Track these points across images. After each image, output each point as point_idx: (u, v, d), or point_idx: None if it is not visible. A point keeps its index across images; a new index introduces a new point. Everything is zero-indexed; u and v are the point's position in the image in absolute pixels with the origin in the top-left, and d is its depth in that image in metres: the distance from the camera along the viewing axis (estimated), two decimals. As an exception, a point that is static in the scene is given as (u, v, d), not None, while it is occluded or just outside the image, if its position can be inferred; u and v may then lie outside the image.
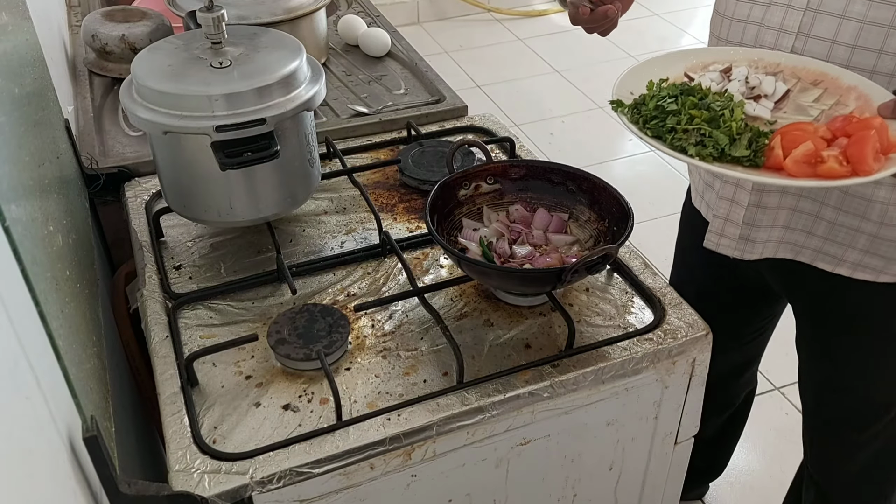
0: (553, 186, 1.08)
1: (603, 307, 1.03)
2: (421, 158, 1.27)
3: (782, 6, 0.99)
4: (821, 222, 1.07)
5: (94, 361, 0.88)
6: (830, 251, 1.08)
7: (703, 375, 1.02)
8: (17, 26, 0.99)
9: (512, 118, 3.30)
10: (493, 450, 0.93)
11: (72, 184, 1.11)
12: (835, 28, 0.95)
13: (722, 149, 0.86)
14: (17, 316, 0.59)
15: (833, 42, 0.96)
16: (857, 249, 1.06)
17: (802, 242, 1.10)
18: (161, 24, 1.51)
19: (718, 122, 0.88)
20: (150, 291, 1.04)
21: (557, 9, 4.42)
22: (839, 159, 0.79)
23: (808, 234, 1.09)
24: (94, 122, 1.39)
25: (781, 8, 0.99)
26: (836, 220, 1.05)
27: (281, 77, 0.98)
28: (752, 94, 0.94)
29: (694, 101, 0.91)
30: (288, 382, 0.92)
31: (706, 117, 0.88)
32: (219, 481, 0.80)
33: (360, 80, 1.57)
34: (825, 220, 1.06)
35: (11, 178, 0.69)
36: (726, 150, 0.86)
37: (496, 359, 0.95)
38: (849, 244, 1.06)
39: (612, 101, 0.96)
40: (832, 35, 0.96)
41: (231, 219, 1.05)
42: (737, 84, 0.94)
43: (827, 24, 0.96)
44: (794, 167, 0.81)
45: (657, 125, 0.91)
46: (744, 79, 0.95)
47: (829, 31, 0.96)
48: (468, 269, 0.97)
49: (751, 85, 0.94)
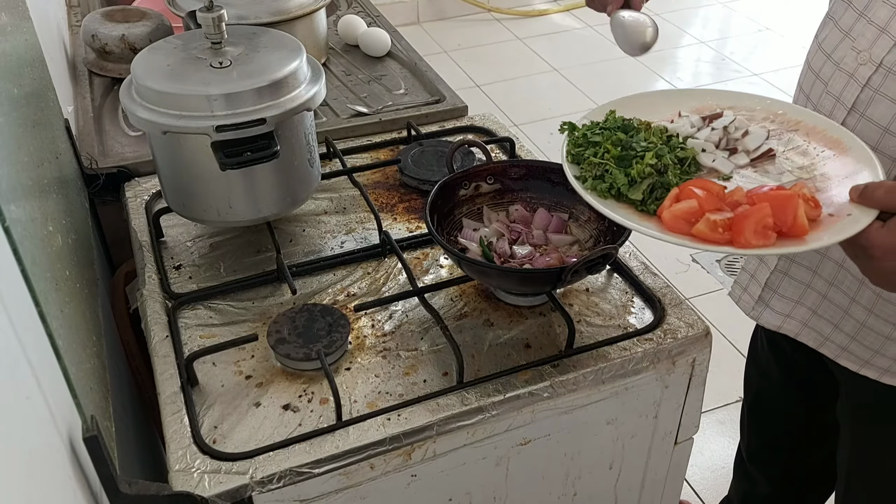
0: (553, 186, 1.08)
1: (603, 307, 1.03)
2: (421, 158, 1.27)
3: (846, 74, 0.88)
4: (849, 320, 0.98)
5: (94, 361, 0.88)
6: (856, 351, 0.99)
7: (703, 375, 1.02)
8: (17, 26, 0.99)
9: (512, 118, 3.30)
10: (494, 449, 0.93)
11: (71, 184, 1.11)
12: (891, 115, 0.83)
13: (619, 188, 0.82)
14: (17, 316, 0.59)
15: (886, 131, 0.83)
16: (886, 357, 0.97)
17: (827, 335, 1.02)
18: (161, 24, 1.51)
19: (631, 162, 0.84)
20: (150, 291, 1.04)
21: (557, 8, 4.42)
22: (715, 224, 0.73)
23: (834, 326, 1.01)
24: (93, 122, 1.39)
25: (845, 76, 0.88)
26: (866, 323, 0.96)
27: (281, 77, 0.98)
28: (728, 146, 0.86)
29: (620, 137, 0.87)
30: (288, 382, 0.92)
31: (616, 154, 0.84)
32: (219, 481, 0.80)
33: (360, 80, 1.57)
34: (854, 319, 0.98)
35: (11, 179, 0.69)
36: (622, 189, 0.82)
37: (496, 359, 0.95)
38: (877, 350, 0.97)
39: (563, 124, 0.91)
40: (886, 122, 0.83)
41: (231, 218, 1.05)
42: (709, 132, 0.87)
43: (883, 108, 0.84)
44: (670, 220, 0.76)
45: (579, 153, 0.88)
46: (722, 127, 0.87)
47: (884, 117, 0.84)
48: (468, 269, 0.97)
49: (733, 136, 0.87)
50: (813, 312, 1.03)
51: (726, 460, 1.93)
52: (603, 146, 0.86)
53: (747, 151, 0.85)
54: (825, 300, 1.01)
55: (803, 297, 1.04)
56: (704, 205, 0.75)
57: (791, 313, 1.05)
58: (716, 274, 2.58)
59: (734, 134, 0.87)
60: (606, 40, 4.05)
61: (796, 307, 1.04)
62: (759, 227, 0.72)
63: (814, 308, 1.03)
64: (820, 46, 0.95)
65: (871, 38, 0.86)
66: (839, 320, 0.99)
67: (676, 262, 2.63)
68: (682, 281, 2.54)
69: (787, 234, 0.73)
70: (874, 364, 0.99)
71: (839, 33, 0.91)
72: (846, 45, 0.90)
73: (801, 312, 1.04)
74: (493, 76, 3.73)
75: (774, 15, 4.40)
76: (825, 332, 1.02)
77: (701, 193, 0.76)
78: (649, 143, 0.87)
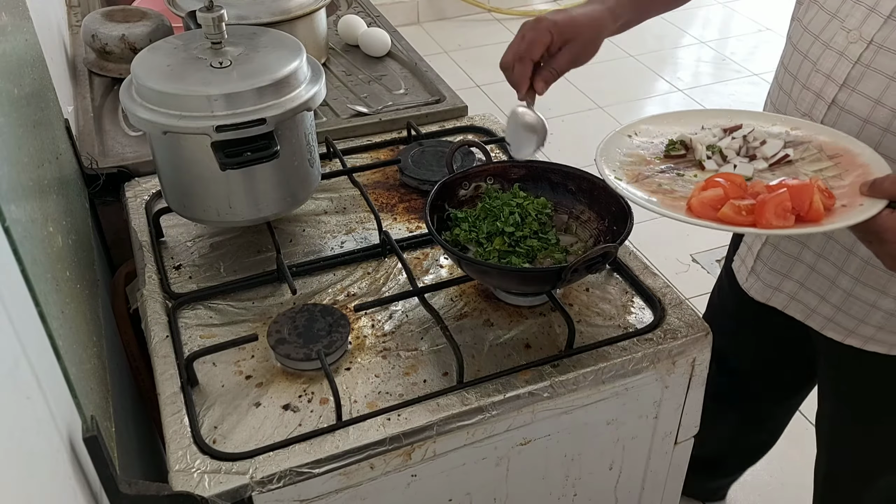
0: (553, 186, 1.08)
1: (603, 307, 1.03)
2: (421, 158, 1.27)
3: (836, 53, 0.93)
4: (836, 290, 1.03)
5: (94, 361, 0.88)
6: (842, 322, 1.04)
7: (703, 375, 1.02)
8: (17, 26, 0.99)
9: (512, 118, 3.30)
10: (494, 449, 0.93)
11: (72, 184, 1.11)
12: (882, 88, 0.89)
13: None
14: (17, 316, 0.59)
15: (877, 103, 0.89)
16: (870, 325, 1.02)
17: (814, 306, 1.07)
18: (161, 24, 1.51)
19: None
20: (150, 291, 1.04)
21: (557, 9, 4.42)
22: (739, 209, 0.81)
23: (821, 298, 1.05)
24: (94, 122, 1.39)
25: (835, 55, 0.93)
26: (853, 292, 1.01)
27: (281, 77, 0.98)
28: (748, 153, 0.94)
29: None
30: (288, 382, 0.92)
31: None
32: (219, 481, 0.80)
33: (360, 80, 1.57)
34: (841, 289, 1.02)
35: (11, 179, 0.69)
36: None
37: (496, 359, 0.95)
38: (862, 319, 1.02)
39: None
40: (878, 95, 0.89)
41: (231, 219, 1.05)
42: (729, 140, 0.95)
43: (874, 81, 0.89)
44: (698, 206, 0.84)
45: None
46: (742, 137, 0.95)
47: (875, 90, 0.89)
48: (468, 269, 0.97)
49: (752, 145, 0.94)
50: (801, 285, 1.07)
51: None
52: None
53: (765, 158, 0.92)
54: (813, 272, 1.05)
55: (792, 269, 1.08)
56: (729, 192, 0.83)
57: (780, 286, 1.10)
58: (716, 274, 2.58)
59: (753, 143, 0.93)
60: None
61: (784, 280, 1.09)
62: (780, 210, 0.79)
63: (801, 280, 1.07)
64: (806, 28, 0.99)
65: (861, 18, 0.91)
66: (826, 291, 1.04)
67: (676, 262, 2.63)
68: (682, 281, 2.53)
69: (804, 218, 0.79)
70: (858, 333, 1.03)
71: (826, 15, 0.96)
72: (835, 26, 0.94)
73: (789, 286, 1.09)
74: (493, 76, 3.70)
75: (775, 15, 4.39)
76: (812, 305, 1.07)
77: (726, 184, 0.84)
78: None
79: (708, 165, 0.94)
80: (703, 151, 0.94)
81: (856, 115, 0.92)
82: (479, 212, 1.03)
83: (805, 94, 0.97)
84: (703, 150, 0.94)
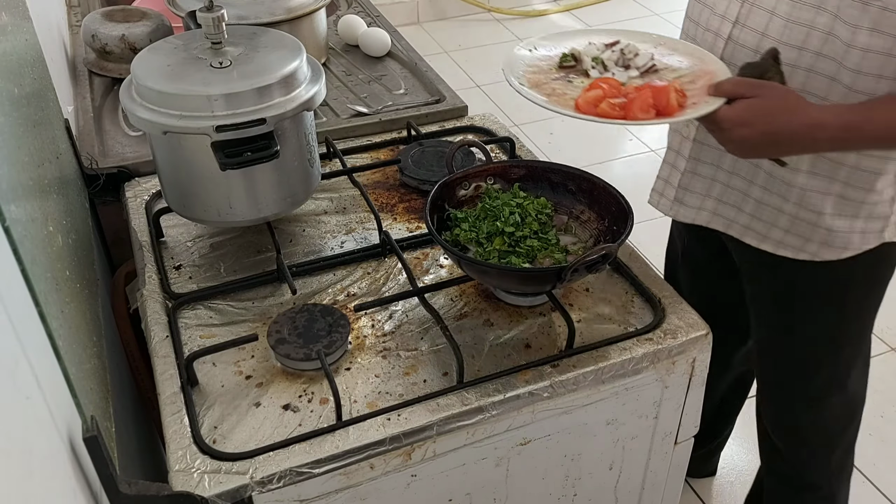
0: (553, 186, 1.08)
1: (603, 307, 1.03)
2: (421, 158, 1.27)
3: None
4: (749, 200, 1.16)
5: (94, 361, 0.88)
6: (756, 228, 1.18)
7: (703, 375, 1.02)
8: (17, 26, 0.99)
9: (512, 118, 3.30)
10: (493, 449, 0.93)
11: (71, 184, 1.11)
12: (765, 22, 1.04)
13: None
14: (17, 316, 0.59)
15: (763, 35, 1.05)
16: (779, 228, 1.15)
17: (733, 217, 1.20)
18: (161, 24, 1.51)
19: None
20: (150, 291, 1.04)
21: (557, 8, 4.42)
22: (613, 105, 1.01)
23: (737, 209, 1.18)
24: (94, 122, 1.39)
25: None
26: (762, 199, 1.14)
27: (281, 77, 0.98)
28: (624, 64, 1.14)
29: None
30: (288, 382, 0.92)
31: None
32: (219, 481, 0.80)
33: (360, 80, 1.57)
34: (752, 198, 1.15)
35: (11, 179, 0.69)
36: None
37: (496, 359, 0.95)
38: (772, 223, 1.15)
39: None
40: (763, 28, 1.05)
41: (231, 219, 1.05)
42: (609, 53, 1.15)
43: (759, 17, 1.05)
44: (582, 104, 1.01)
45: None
46: (619, 50, 1.15)
47: (760, 24, 1.05)
48: (468, 269, 0.97)
49: (627, 57, 1.14)
50: (719, 201, 1.20)
51: (726, 460, 1.93)
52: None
53: (637, 67, 1.11)
54: (728, 188, 1.19)
55: (710, 189, 1.21)
56: (607, 93, 1.02)
57: (702, 205, 1.23)
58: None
59: (628, 55, 1.13)
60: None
61: (705, 199, 1.22)
62: (644, 106, 0.99)
63: (720, 197, 1.20)
64: None
65: None
66: (741, 202, 1.18)
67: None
68: (682, 281, 2.53)
69: (663, 113, 1.00)
70: (770, 237, 1.16)
71: None
72: None
73: (710, 203, 1.21)
74: (493, 76, 3.72)
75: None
76: (730, 216, 1.20)
77: (605, 86, 1.04)
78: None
79: (592, 74, 1.11)
80: (588, 62, 1.13)
81: (748, 47, 1.07)
82: (479, 212, 1.03)
83: (706, 35, 1.13)
84: (588, 61, 1.13)
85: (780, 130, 0.95)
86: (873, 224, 1.10)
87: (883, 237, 1.12)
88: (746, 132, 0.95)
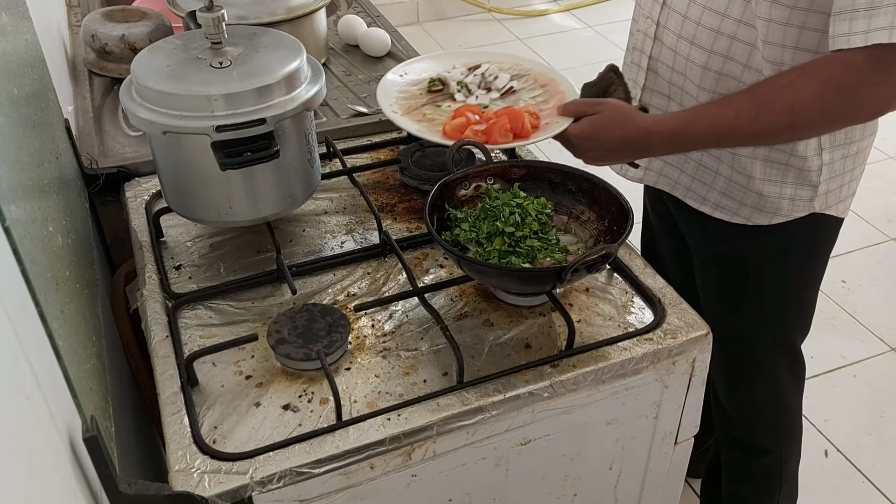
0: (553, 186, 1.08)
1: (603, 307, 1.03)
2: (421, 158, 1.27)
3: None
4: (689, 161, 1.23)
5: (94, 361, 0.88)
6: (697, 189, 1.24)
7: (703, 375, 1.02)
8: (17, 26, 0.99)
9: (512, 118, 3.30)
10: (493, 449, 0.93)
11: (71, 184, 1.11)
12: (680, 25, 1.13)
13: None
14: (17, 316, 0.59)
15: (679, 36, 1.14)
16: (716, 191, 1.21)
17: (676, 178, 1.27)
18: (161, 24, 1.51)
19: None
20: (150, 291, 1.04)
21: (557, 8, 4.42)
22: (477, 132, 1.12)
23: (680, 171, 1.25)
24: (93, 122, 1.39)
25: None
26: (701, 161, 1.21)
27: (281, 77, 0.98)
28: (486, 86, 1.25)
29: None
30: (288, 382, 0.92)
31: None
32: (219, 481, 0.80)
33: (360, 80, 1.57)
34: (693, 160, 1.23)
35: (11, 179, 0.69)
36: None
37: (496, 359, 0.95)
38: (710, 185, 1.22)
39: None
40: (678, 30, 1.14)
41: (231, 219, 1.05)
42: (472, 77, 1.26)
43: (675, 20, 1.14)
44: (450, 132, 1.14)
45: None
46: (481, 74, 1.27)
47: (676, 27, 1.14)
48: (468, 269, 0.97)
49: (488, 80, 1.26)
50: (665, 163, 1.28)
51: (726, 460, 1.93)
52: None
53: (497, 89, 1.24)
54: None
55: None
56: (470, 121, 1.15)
57: (649, 166, 1.30)
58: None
59: (489, 78, 1.26)
60: (606, 40, 4.06)
61: (652, 161, 1.29)
62: (502, 131, 1.12)
63: (664, 159, 1.28)
64: None
65: None
66: (683, 164, 1.25)
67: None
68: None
69: (519, 135, 1.13)
70: (709, 199, 1.23)
71: None
72: None
73: (657, 164, 1.29)
74: (493, 76, 3.73)
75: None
76: (674, 177, 1.27)
77: (469, 114, 1.16)
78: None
79: (458, 97, 1.23)
80: (454, 86, 1.24)
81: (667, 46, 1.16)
82: (479, 212, 1.03)
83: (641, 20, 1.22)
84: (454, 86, 1.24)
85: (617, 140, 1.08)
86: (802, 192, 1.16)
87: (813, 206, 1.17)
88: (592, 144, 1.10)
